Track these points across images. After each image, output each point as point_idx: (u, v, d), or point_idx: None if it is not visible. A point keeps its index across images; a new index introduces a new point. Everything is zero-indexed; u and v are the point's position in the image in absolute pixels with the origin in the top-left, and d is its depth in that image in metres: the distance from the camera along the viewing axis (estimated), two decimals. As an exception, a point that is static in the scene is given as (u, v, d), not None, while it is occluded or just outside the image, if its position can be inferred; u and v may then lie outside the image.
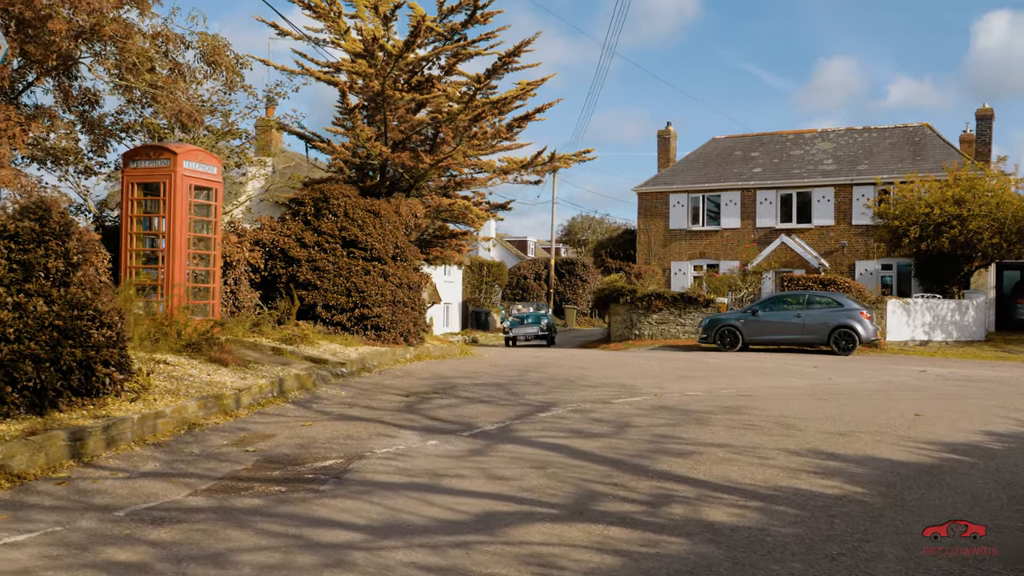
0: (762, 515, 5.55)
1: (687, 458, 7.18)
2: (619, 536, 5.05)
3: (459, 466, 6.85)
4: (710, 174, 35.50)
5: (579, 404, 10.20)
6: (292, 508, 5.60)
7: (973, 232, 25.99)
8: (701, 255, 34.98)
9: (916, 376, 15.51)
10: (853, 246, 32.50)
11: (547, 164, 20.75)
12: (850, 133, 35.62)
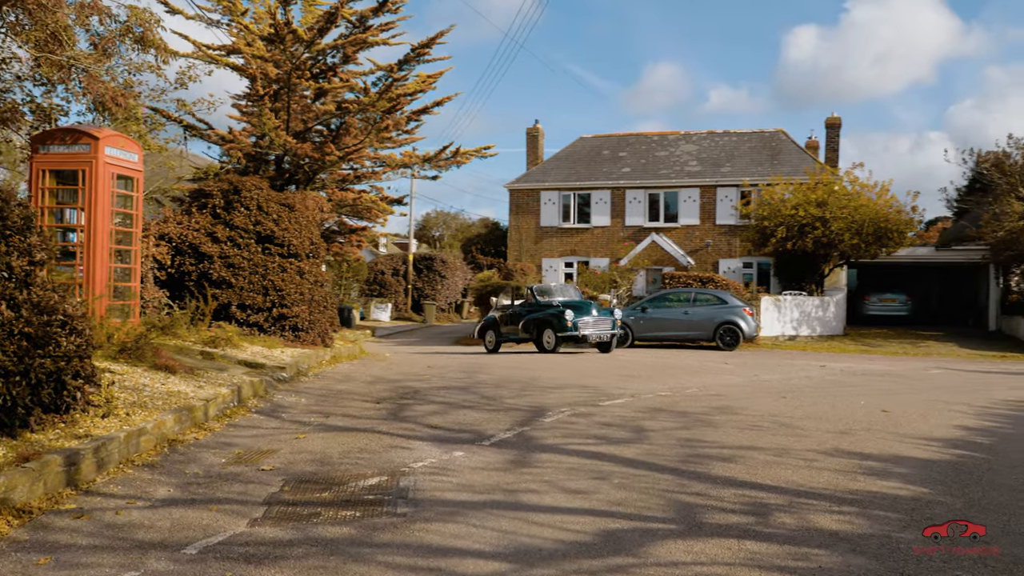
0: (868, 520, 5.52)
1: (736, 463, 7.12)
2: (763, 551, 4.88)
3: (518, 480, 6.48)
4: (580, 172, 36.04)
5: (570, 408, 9.97)
6: (393, 536, 5.08)
7: (835, 233, 27.66)
8: (572, 252, 35.47)
9: (826, 371, 16.28)
10: (717, 245, 33.89)
11: (451, 159, 20.34)
12: (711, 136, 37.12)
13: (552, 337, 19.90)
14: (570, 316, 19.61)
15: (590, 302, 21.31)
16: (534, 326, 20.52)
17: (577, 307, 20.35)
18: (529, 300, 21.57)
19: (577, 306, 20.44)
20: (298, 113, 18.49)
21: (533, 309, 21.04)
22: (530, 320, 20.66)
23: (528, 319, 20.73)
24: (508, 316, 21.77)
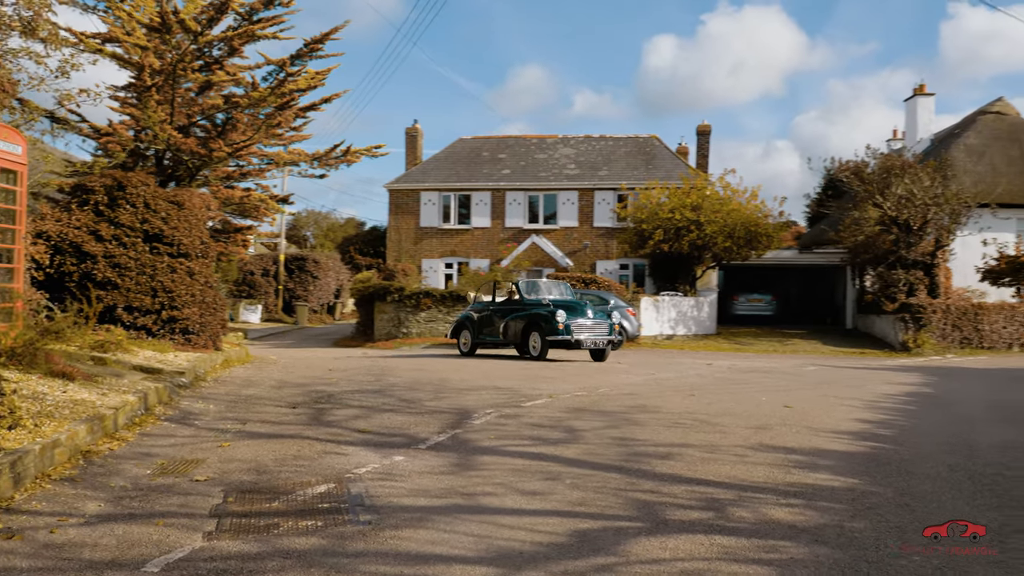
0: (817, 512, 5.77)
1: (674, 460, 7.30)
2: (734, 545, 5.03)
3: (470, 483, 6.42)
4: (460, 173, 36.05)
5: (495, 409, 9.95)
6: (367, 545, 4.94)
7: (709, 236, 28.77)
8: (452, 253, 35.43)
9: (714, 369, 16.92)
10: (595, 246, 34.61)
11: (341, 158, 19.94)
12: (588, 140, 37.86)
13: (539, 341, 17.61)
14: (562, 317, 17.25)
15: (585, 302, 18.67)
16: (518, 328, 18.20)
17: (571, 307, 17.96)
18: (512, 297, 19.26)
19: (571, 306, 18.03)
20: (182, 107, 17.71)
21: (517, 308, 18.59)
22: (514, 321, 18.31)
23: (511, 319, 18.39)
24: (487, 315, 19.43)
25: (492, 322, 19.09)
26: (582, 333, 17.33)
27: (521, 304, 18.58)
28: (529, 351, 17.99)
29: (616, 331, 18.24)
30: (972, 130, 32.67)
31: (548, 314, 17.45)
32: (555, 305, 17.82)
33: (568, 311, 17.54)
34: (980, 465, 7.41)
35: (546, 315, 17.49)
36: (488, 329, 19.25)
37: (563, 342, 17.33)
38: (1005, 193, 29.12)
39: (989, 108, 33.95)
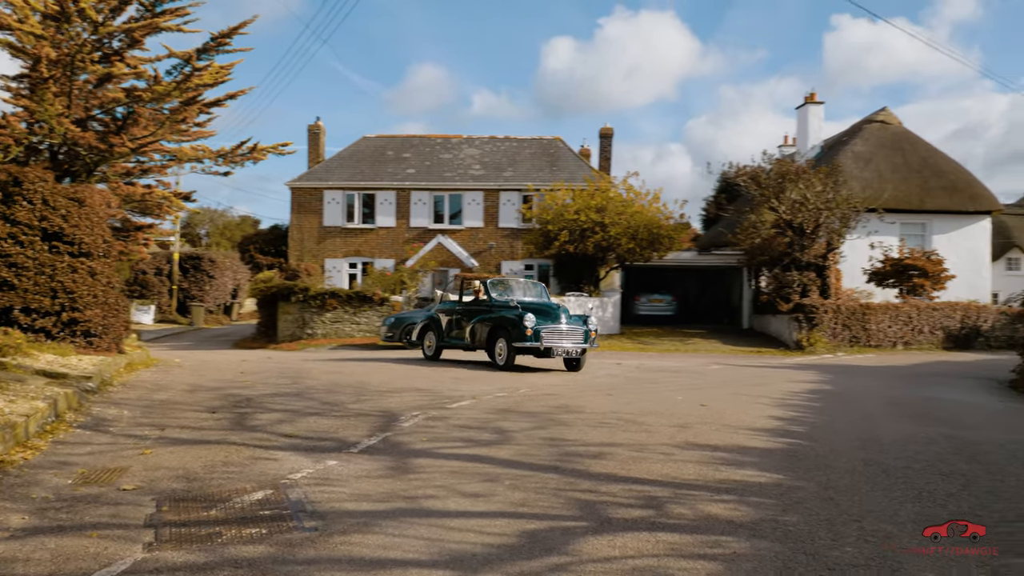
0: (751, 507, 6.00)
1: (606, 459, 7.45)
2: (679, 542, 5.18)
3: (410, 486, 6.41)
4: (365, 172, 35.67)
5: (421, 412, 9.92)
6: (318, 551, 4.88)
7: (614, 237, 29.30)
8: (357, 253, 35.03)
9: (625, 368, 17.27)
10: (500, 247, 34.77)
11: (247, 155, 19.47)
12: (493, 141, 38.02)
13: (504, 348, 15.99)
14: (531, 322, 15.59)
15: (558, 305, 16.61)
16: (484, 332, 16.60)
17: (542, 310, 16.28)
18: (480, 297, 17.63)
19: (542, 309, 16.34)
20: (79, 99, 16.97)
21: (484, 309, 17.06)
22: (480, 323, 16.77)
23: (477, 322, 16.84)
24: (454, 316, 17.96)
25: (460, 324, 17.65)
26: (553, 339, 15.71)
27: (489, 305, 17.04)
28: (495, 358, 16.40)
29: (592, 338, 16.44)
30: (859, 138, 34.25)
31: (515, 318, 15.80)
32: (524, 308, 16.20)
33: (539, 315, 15.97)
34: (890, 459, 7.83)
35: (513, 319, 15.86)
36: (455, 332, 17.82)
37: (531, 349, 15.65)
38: (891, 199, 30.64)
39: (874, 117, 35.65)
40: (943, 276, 29.31)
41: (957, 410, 11.66)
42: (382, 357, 19.93)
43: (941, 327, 28.29)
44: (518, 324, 15.68)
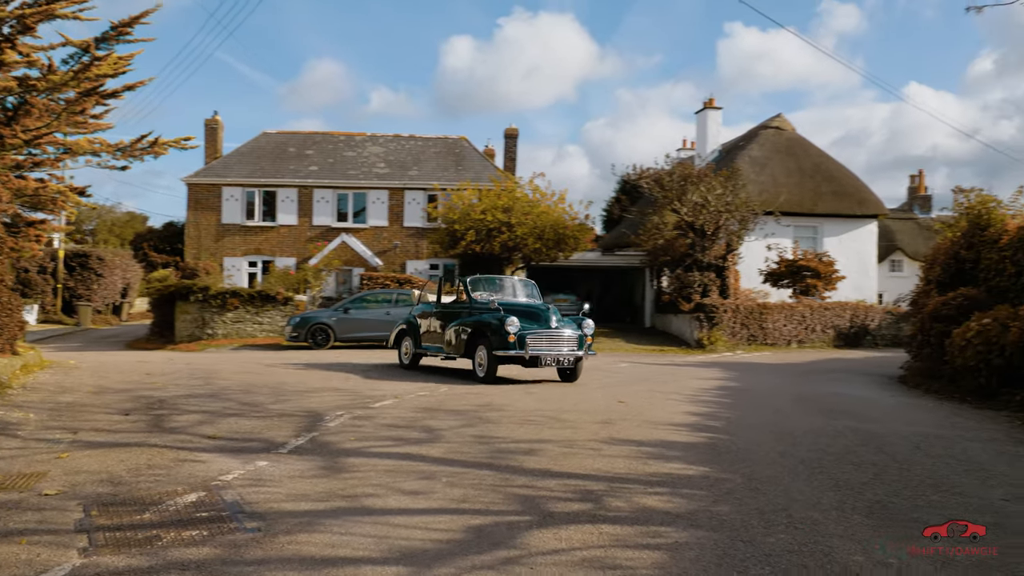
0: (684, 498, 6.20)
1: (538, 455, 7.55)
2: (622, 533, 5.32)
3: (347, 485, 6.36)
4: (265, 169, 34.91)
5: (345, 411, 9.83)
6: (266, 551, 4.80)
7: (520, 237, 29.52)
8: (257, 251, 34.24)
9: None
10: (405, 246, 34.57)
11: (148, 149, 18.80)
12: (398, 140, 37.76)
13: (485, 357, 13.64)
14: (514, 327, 13.36)
15: (548, 307, 14.47)
16: (463, 337, 14.21)
17: (528, 312, 14.09)
18: (461, 299, 15.30)
19: (528, 311, 14.15)
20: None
21: (464, 311, 14.79)
22: (458, 328, 14.39)
23: (455, 326, 14.49)
24: (433, 319, 15.66)
25: (436, 328, 15.38)
26: (541, 346, 13.48)
27: (469, 307, 14.75)
28: (474, 367, 14.14)
29: (589, 344, 14.16)
30: (755, 143, 35.46)
31: (496, 322, 13.47)
32: (508, 310, 13.85)
33: (524, 317, 13.76)
34: (804, 451, 8.18)
35: (494, 323, 13.50)
36: (432, 337, 15.53)
37: (516, 358, 13.50)
38: (786, 203, 31.83)
39: (770, 123, 36.97)
40: (834, 277, 30.62)
41: (858, 404, 12.24)
42: (292, 358, 19.57)
43: (832, 326, 29.56)
44: (499, 329, 13.38)
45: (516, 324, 13.42)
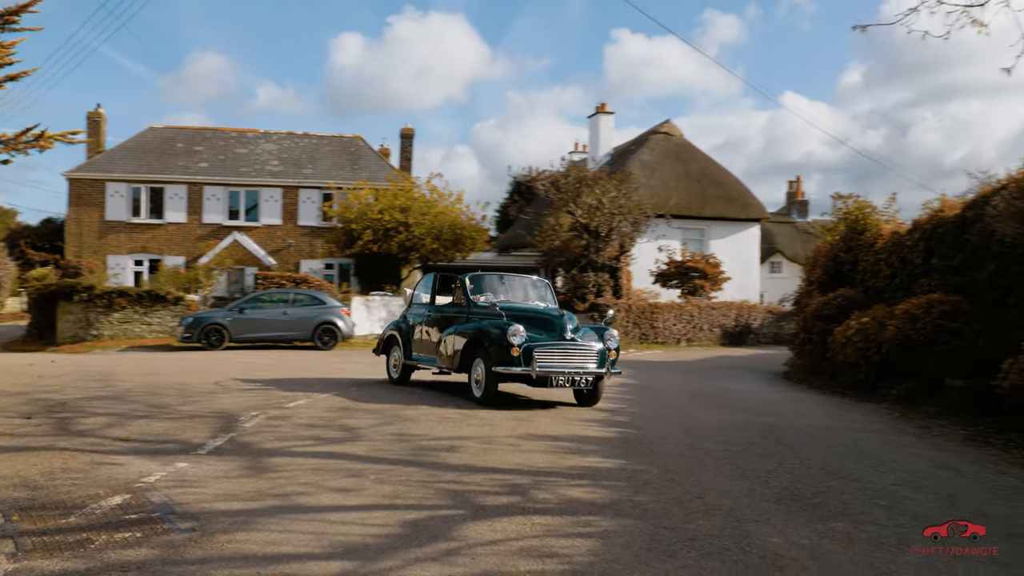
0: (606, 490, 6.48)
1: (459, 452, 7.73)
2: (554, 523, 5.53)
3: (276, 485, 6.36)
4: (153, 164, 33.82)
5: (260, 411, 9.74)
6: (206, 551, 4.80)
7: (418, 238, 29.60)
8: (143, 249, 33.14)
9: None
10: (300, 245, 34.09)
11: (33, 142, 17.99)
12: (292, 137, 37.17)
13: (483, 374, 11.04)
14: (518, 337, 10.72)
15: (563, 313, 11.61)
16: (457, 347, 11.56)
17: (537, 319, 11.44)
18: (459, 301, 12.54)
19: (538, 318, 11.49)
20: None
21: (461, 316, 12.14)
22: (453, 336, 11.77)
23: (450, 334, 11.86)
24: (425, 324, 12.95)
25: (429, 335, 12.74)
26: (552, 362, 10.77)
27: (466, 311, 12.09)
28: (471, 385, 11.48)
29: (612, 359, 11.25)
30: (646, 148, 36.50)
31: (497, 331, 10.86)
32: (513, 316, 11.26)
33: (532, 326, 11.19)
34: (710, 443, 8.62)
35: (494, 332, 10.89)
36: (425, 346, 12.85)
37: (520, 377, 10.79)
38: (675, 206, 32.92)
39: (659, 129, 38.12)
40: (720, 278, 31.85)
41: (752, 400, 12.88)
42: (191, 359, 19.08)
43: (719, 325, 30.74)
44: (500, 340, 10.74)
45: (522, 334, 10.73)
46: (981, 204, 12.37)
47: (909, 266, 14.82)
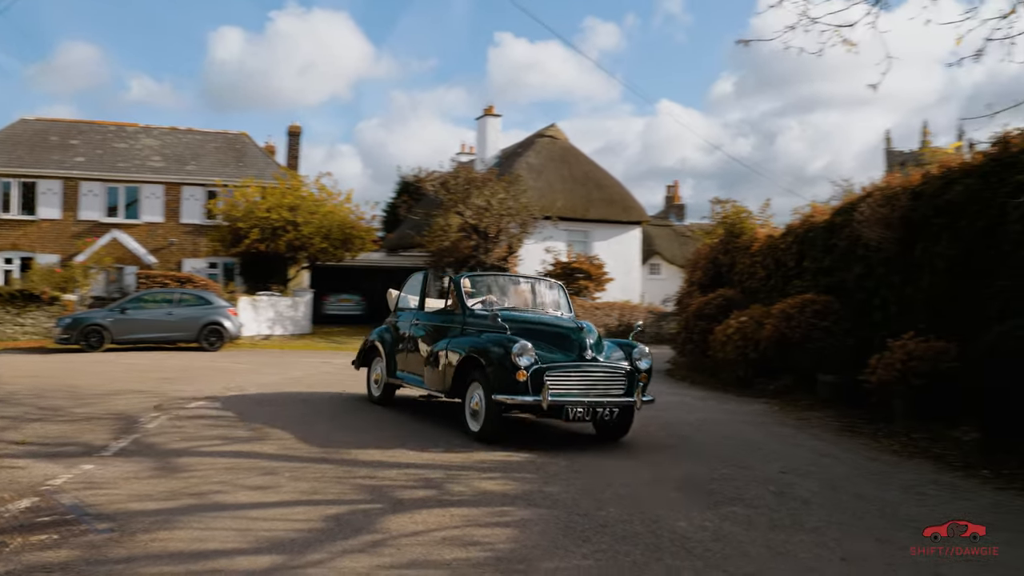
0: (517, 482, 6.79)
1: (364, 449, 7.88)
2: (474, 514, 5.78)
3: (190, 484, 6.36)
4: (23, 158, 32.17)
5: (160, 412, 9.58)
6: (130, 550, 4.81)
7: (307, 237, 29.26)
8: (14, 247, 31.49)
9: (337, 366, 17.54)
10: (182, 244, 33.10)
11: None
12: (175, 133, 36.04)
13: (481, 402, 8.65)
14: (525, 357, 8.35)
15: (581, 326, 8.98)
16: (450, 365, 9.22)
17: (549, 333, 9.00)
18: (454, 307, 10.03)
19: (550, 331, 9.04)
20: None
21: (455, 326, 9.76)
22: (445, 352, 9.40)
23: (442, 349, 9.52)
24: (413, 334, 10.63)
25: (416, 348, 10.47)
26: (568, 390, 8.46)
27: (461, 320, 9.74)
28: (465, 414, 8.94)
29: (643, 383, 8.89)
30: (532, 151, 37.10)
31: (501, 348, 8.49)
32: (519, 329, 8.87)
33: (543, 341, 8.78)
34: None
35: (496, 350, 8.53)
36: (412, 361, 10.52)
37: (528, 406, 8.47)
38: (561, 208, 33.59)
39: (545, 132, 38.80)
40: (604, 279, 32.72)
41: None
42: (73, 360, 18.35)
43: (602, 324, 31.52)
44: (503, 360, 8.36)
45: (530, 353, 8.36)
46: (849, 210, 13.29)
47: (783, 268, 15.72)
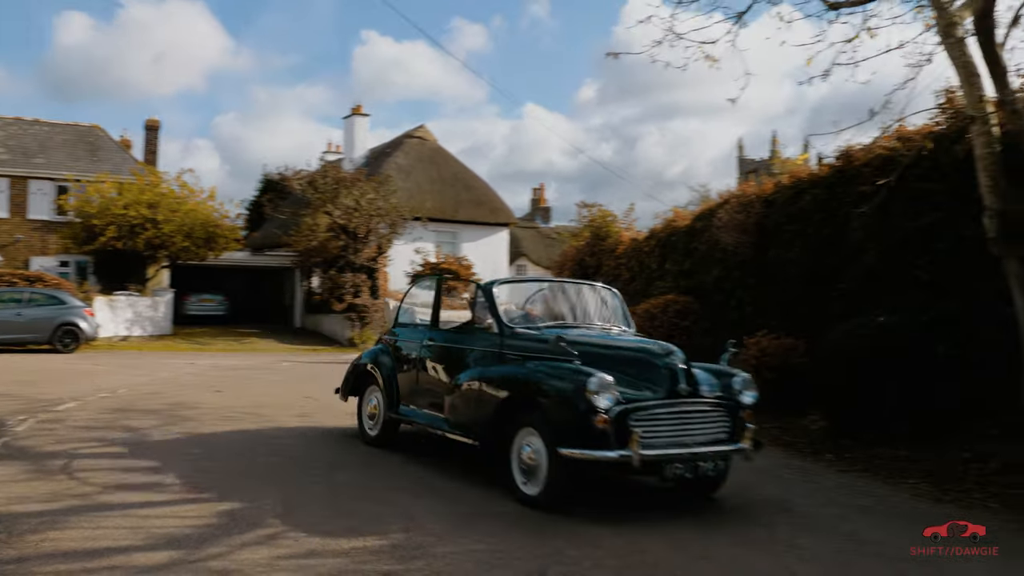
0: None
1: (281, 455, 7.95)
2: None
3: (72, 487, 6.28)
4: None
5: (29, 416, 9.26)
6: (20, 551, 4.77)
7: (167, 235, 28.36)
8: None
9: (202, 367, 17.25)
10: (30, 241, 31.42)
11: None
12: (19, 123, 34.07)
13: (543, 456, 6.00)
14: (604, 396, 5.78)
15: (670, 350, 6.33)
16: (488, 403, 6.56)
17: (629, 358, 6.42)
18: (479, 320, 7.30)
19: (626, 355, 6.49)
20: None
21: (490, 348, 7.06)
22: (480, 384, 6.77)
23: (473, 380, 6.89)
24: (422, 358, 7.88)
25: (428, 373, 7.81)
26: (665, 438, 6.00)
27: (498, 341, 7.05)
28: (513, 470, 6.32)
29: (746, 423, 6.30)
30: (401, 151, 37.12)
31: (568, 383, 5.99)
32: (589, 354, 6.34)
33: (620, 370, 6.18)
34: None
35: (560, 386, 6.06)
36: (422, 391, 7.83)
37: (612, 463, 5.78)
38: (431, 209, 33.75)
39: (414, 133, 38.89)
40: (473, 280, 33.12)
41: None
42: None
43: (472, 324, 32.00)
44: (574, 399, 5.88)
45: (612, 391, 5.88)
46: (708, 216, 14.15)
47: (647, 270, 16.52)
